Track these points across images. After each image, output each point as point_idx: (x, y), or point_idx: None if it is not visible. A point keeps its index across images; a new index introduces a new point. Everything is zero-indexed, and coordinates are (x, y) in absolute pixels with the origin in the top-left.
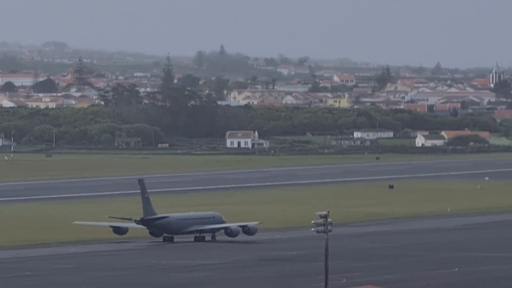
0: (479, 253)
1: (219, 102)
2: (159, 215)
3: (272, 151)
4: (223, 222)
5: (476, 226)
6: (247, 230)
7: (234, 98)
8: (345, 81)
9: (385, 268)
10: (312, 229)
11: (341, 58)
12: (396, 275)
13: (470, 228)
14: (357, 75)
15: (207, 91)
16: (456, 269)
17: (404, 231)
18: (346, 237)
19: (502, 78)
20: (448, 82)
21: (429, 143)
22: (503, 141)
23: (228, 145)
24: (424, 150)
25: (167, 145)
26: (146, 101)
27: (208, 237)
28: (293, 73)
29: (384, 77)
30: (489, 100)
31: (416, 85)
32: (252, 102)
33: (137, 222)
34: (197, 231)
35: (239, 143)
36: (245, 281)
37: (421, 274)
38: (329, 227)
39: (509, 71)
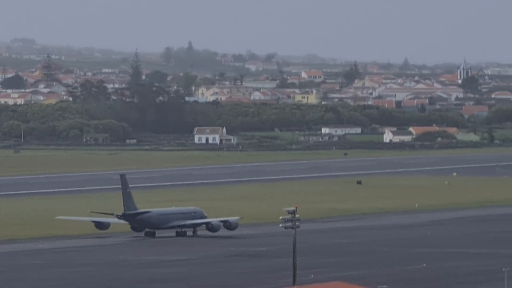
0: (446, 249)
1: (187, 98)
2: (140, 210)
3: (240, 147)
4: (204, 217)
5: (444, 222)
6: (228, 225)
7: (202, 94)
8: (313, 77)
9: (353, 264)
10: (280, 225)
11: (309, 54)
12: (364, 271)
13: (438, 224)
14: (325, 71)
15: (175, 87)
16: (424, 264)
17: (372, 227)
18: (314, 233)
19: (469, 74)
20: (416, 78)
21: (397, 139)
22: (471, 137)
23: (196, 141)
24: (392, 146)
25: (135, 141)
26: (114, 97)
27: (189, 232)
28: (261, 69)
29: (352, 73)
30: (457, 96)
31: (384, 81)
32: (220, 98)
33: (119, 217)
34: (178, 226)
35: (207, 139)
36: (214, 277)
37: (389, 270)
38: (297, 223)
39: (477, 67)
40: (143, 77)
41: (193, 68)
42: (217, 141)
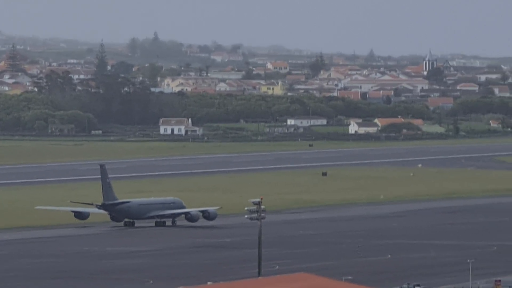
0: (411, 240)
1: (152, 89)
2: (120, 200)
3: (206, 138)
4: (183, 207)
5: (409, 213)
6: (207, 215)
7: (168, 85)
8: (279, 68)
9: (318, 255)
10: (246, 216)
11: (274, 45)
12: (329, 262)
13: (403, 216)
14: (290, 62)
15: (140, 78)
16: (389, 256)
17: (337, 218)
18: (279, 224)
19: (435, 65)
20: (382, 69)
21: (362, 130)
22: (436, 129)
23: (162, 132)
24: (357, 137)
25: (100, 132)
26: (79, 88)
27: (168, 222)
28: (226, 60)
29: (318, 64)
30: (422, 87)
31: (349, 72)
32: (186, 89)
33: (98, 207)
34: (157, 216)
35: (172, 130)
36: (178, 268)
37: (354, 261)
38: (263, 214)
39: (442, 59)
40: (109, 68)
41: (158, 59)
42: (183, 132)
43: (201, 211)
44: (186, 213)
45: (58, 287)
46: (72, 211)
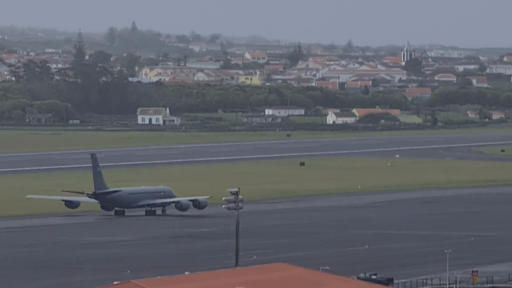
0: (389, 231)
1: (130, 79)
2: (111, 189)
3: (183, 128)
4: (173, 196)
5: (387, 204)
6: (197, 204)
7: (146, 74)
8: (257, 59)
9: (295, 245)
10: (223, 206)
11: (252, 36)
12: (307, 252)
13: (381, 206)
14: (268, 53)
15: (118, 68)
16: (367, 246)
17: (315, 208)
18: (257, 214)
19: (413, 56)
20: (360, 59)
21: (340, 120)
22: (414, 119)
23: (140, 121)
24: (335, 127)
25: (78, 121)
26: (57, 78)
27: (159, 211)
28: (204, 50)
29: (296, 54)
30: (400, 78)
31: (327, 62)
32: (164, 79)
33: (89, 196)
34: (148, 205)
35: (150, 120)
36: (155, 258)
37: (331, 251)
38: (240, 204)
39: (420, 49)
40: (87, 57)
41: (136, 49)
42: (160, 121)
43: (191, 200)
44: (176, 202)
45: (34, 276)
46: (63, 200)
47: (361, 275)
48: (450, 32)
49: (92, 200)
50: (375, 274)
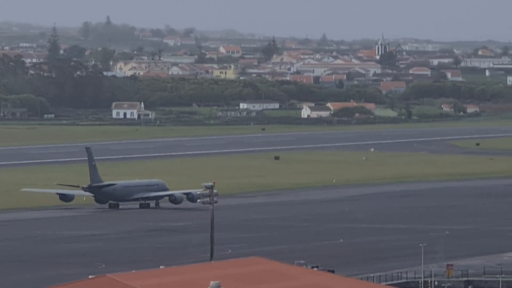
0: (364, 224)
1: (105, 73)
2: (106, 183)
3: (158, 122)
4: (166, 189)
5: (361, 197)
6: (191, 198)
7: (120, 69)
8: (231, 53)
9: (270, 239)
10: (198, 200)
11: (227, 30)
12: (282, 246)
13: (355, 199)
14: (243, 47)
15: (93, 62)
16: (342, 240)
17: (290, 202)
18: (232, 208)
19: (387, 49)
20: (334, 53)
21: (314, 114)
22: (388, 113)
23: (114, 116)
24: (309, 121)
25: (53, 115)
26: (32, 72)
27: (152, 204)
28: (179, 44)
29: (270, 48)
30: (375, 71)
31: (302, 56)
32: (138, 73)
33: (85, 189)
34: (142, 198)
35: (125, 114)
36: (131, 252)
37: (306, 245)
38: (215, 198)
39: (395, 43)
40: (61, 51)
41: (111, 43)
42: (135, 116)
43: (185, 193)
44: (170, 195)
45: (9, 271)
46: (58, 193)
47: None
48: (424, 25)
49: (87, 193)
50: (317, 267)
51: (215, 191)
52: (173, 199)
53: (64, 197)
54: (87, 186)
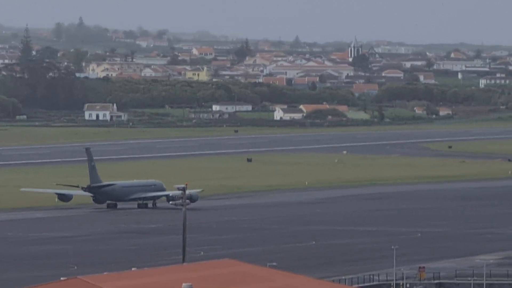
0: (336, 227)
1: (77, 74)
2: (105, 183)
3: (131, 124)
4: (164, 189)
5: (334, 200)
6: (189, 198)
7: (93, 70)
8: (204, 54)
9: (242, 241)
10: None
11: (200, 31)
12: (254, 248)
13: (328, 202)
14: (216, 48)
15: (65, 63)
16: (314, 242)
17: (262, 204)
18: (204, 210)
19: (360, 52)
20: (307, 55)
21: (287, 116)
22: (361, 115)
23: (87, 117)
24: (282, 123)
25: (25, 117)
26: (4, 73)
27: (150, 204)
28: (152, 45)
29: (243, 50)
30: (348, 74)
31: (274, 58)
32: (111, 75)
33: (84, 189)
34: (140, 198)
35: (97, 116)
36: (103, 254)
37: (278, 247)
38: (187, 200)
39: (368, 45)
40: (34, 53)
41: (83, 44)
42: (108, 117)
43: None
44: (167, 196)
45: None
46: (56, 193)
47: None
48: (397, 28)
49: (86, 193)
50: None
51: (187, 192)
52: (170, 199)
53: (63, 197)
54: (87, 186)
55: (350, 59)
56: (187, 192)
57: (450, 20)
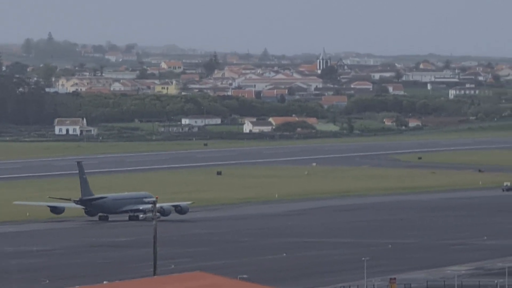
0: (306, 239)
1: (47, 89)
2: (96, 196)
3: (100, 138)
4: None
5: (304, 212)
6: (179, 210)
7: (63, 85)
8: (173, 68)
9: (213, 254)
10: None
11: (168, 45)
12: (225, 260)
13: (298, 214)
14: (184, 62)
15: (35, 79)
16: (284, 254)
17: (233, 217)
18: (175, 223)
19: (329, 64)
20: (275, 68)
21: (256, 129)
22: (330, 127)
23: (57, 132)
24: (251, 136)
25: None
26: None
27: (141, 215)
28: (121, 60)
29: (212, 63)
30: (316, 86)
31: (243, 71)
32: (80, 89)
33: (76, 202)
34: (131, 210)
35: (67, 130)
36: (74, 268)
37: (249, 259)
38: (158, 214)
39: (336, 57)
40: (3, 68)
41: (53, 59)
42: (78, 132)
43: (174, 206)
44: (159, 208)
45: None
46: (48, 206)
47: None
48: (366, 39)
49: (78, 206)
50: None
51: (158, 205)
52: (161, 212)
53: (55, 210)
54: (79, 199)
55: (319, 71)
56: (177, 203)
57: (419, 31)
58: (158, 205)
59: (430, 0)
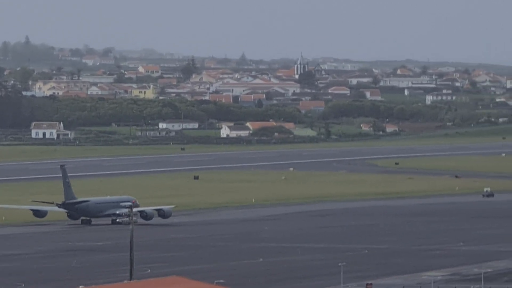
0: (283, 244)
1: (24, 93)
2: (79, 199)
3: (77, 142)
4: (137, 205)
5: (281, 217)
6: (162, 214)
7: (39, 88)
8: (150, 72)
9: (190, 259)
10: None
11: (146, 49)
12: (201, 265)
13: (275, 219)
14: (162, 66)
15: (12, 82)
16: (261, 259)
17: (209, 221)
18: (151, 228)
19: (306, 69)
20: (253, 73)
21: (234, 134)
22: (308, 132)
23: (33, 135)
24: (229, 141)
25: None
26: None
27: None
28: (98, 63)
29: (189, 68)
30: (294, 91)
31: (221, 76)
32: (57, 93)
33: (59, 205)
34: (113, 214)
35: (44, 134)
36: (50, 272)
37: (225, 264)
38: (134, 218)
39: (314, 62)
40: None
41: (30, 63)
42: (54, 135)
43: (156, 210)
44: (141, 212)
45: None
46: (31, 210)
47: None
48: (343, 44)
49: (61, 209)
50: None
51: (135, 209)
52: (144, 215)
53: (38, 213)
54: (61, 202)
55: (297, 76)
56: (159, 208)
57: (396, 36)
58: (140, 209)
59: (408, 7)
